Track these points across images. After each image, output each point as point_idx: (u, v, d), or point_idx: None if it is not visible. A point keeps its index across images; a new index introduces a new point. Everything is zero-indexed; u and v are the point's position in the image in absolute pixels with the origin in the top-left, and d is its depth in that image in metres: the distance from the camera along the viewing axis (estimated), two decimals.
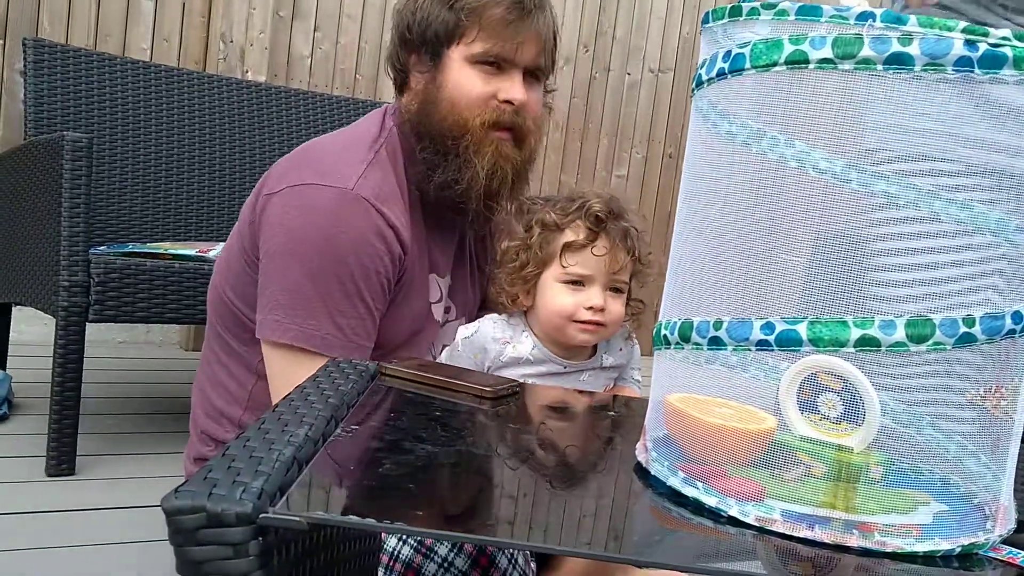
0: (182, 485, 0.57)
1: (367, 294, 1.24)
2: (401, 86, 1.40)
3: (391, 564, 1.10)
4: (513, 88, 1.31)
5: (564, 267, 1.26)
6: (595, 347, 1.34)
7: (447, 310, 1.46)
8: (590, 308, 1.24)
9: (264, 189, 1.30)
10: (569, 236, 1.27)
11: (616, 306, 1.27)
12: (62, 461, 1.85)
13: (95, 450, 2.02)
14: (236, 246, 1.34)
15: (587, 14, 3.84)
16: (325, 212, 1.23)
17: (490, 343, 1.29)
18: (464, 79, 1.30)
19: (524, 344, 1.29)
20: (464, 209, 1.35)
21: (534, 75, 1.34)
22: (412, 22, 1.32)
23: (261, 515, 0.54)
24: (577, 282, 1.26)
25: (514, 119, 1.32)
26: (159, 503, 0.56)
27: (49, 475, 1.84)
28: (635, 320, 1.36)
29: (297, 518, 0.55)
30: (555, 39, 1.37)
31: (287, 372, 1.24)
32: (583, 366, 1.31)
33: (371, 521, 0.56)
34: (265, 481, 0.58)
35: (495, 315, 1.34)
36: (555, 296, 1.26)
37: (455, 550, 1.07)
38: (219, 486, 0.56)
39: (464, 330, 1.33)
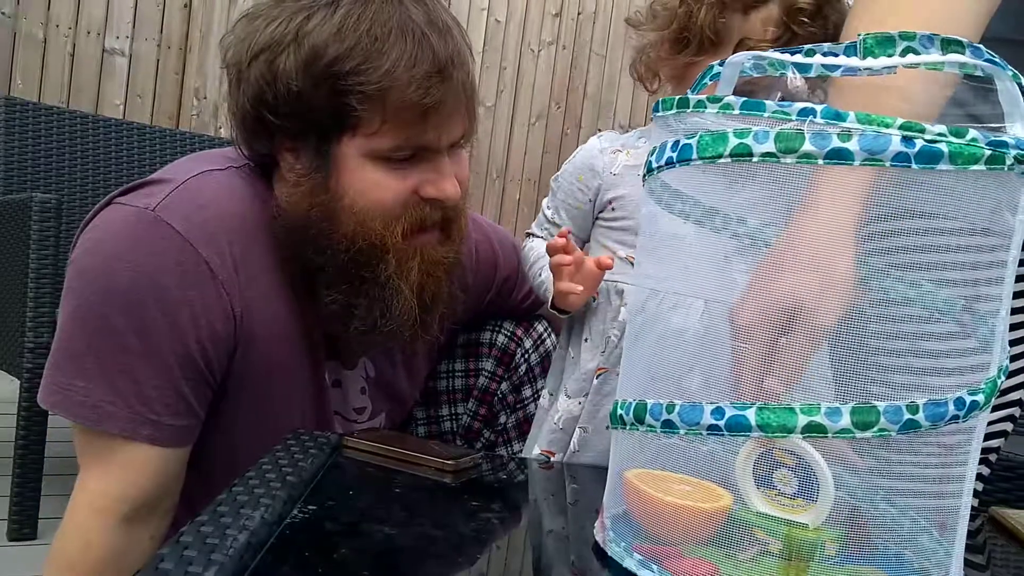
0: (136, 574, 0.56)
1: (160, 352, 0.94)
2: (267, 162, 1.04)
3: None
4: (441, 181, 1.01)
5: None
6: None
7: (360, 410, 1.20)
8: None
9: None
10: (752, 28, 0.95)
11: None
12: (24, 524, 1.82)
13: (58, 512, 1.98)
14: None
15: (558, 72, 3.90)
16: (112, 238, 0.95)
17: (597, 157, 1.09)
18: (370, 183, 0.98)
19: (642, 150, 1.05)
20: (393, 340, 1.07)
21: (458, 143, 1.05)
22: (274, 90, 0.96)
23: None
24: None
25: (443, 213, 1.04)
26: None
27: (10, 539, 1.81)
28: None
29: None
30: (473, 84, 1.04)
31: (83, 454, 1.01)
32: None
33: None
34: (217, 571, 0.58)
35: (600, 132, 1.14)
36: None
37: None
38: None
39: (565, 165, 1.11)
